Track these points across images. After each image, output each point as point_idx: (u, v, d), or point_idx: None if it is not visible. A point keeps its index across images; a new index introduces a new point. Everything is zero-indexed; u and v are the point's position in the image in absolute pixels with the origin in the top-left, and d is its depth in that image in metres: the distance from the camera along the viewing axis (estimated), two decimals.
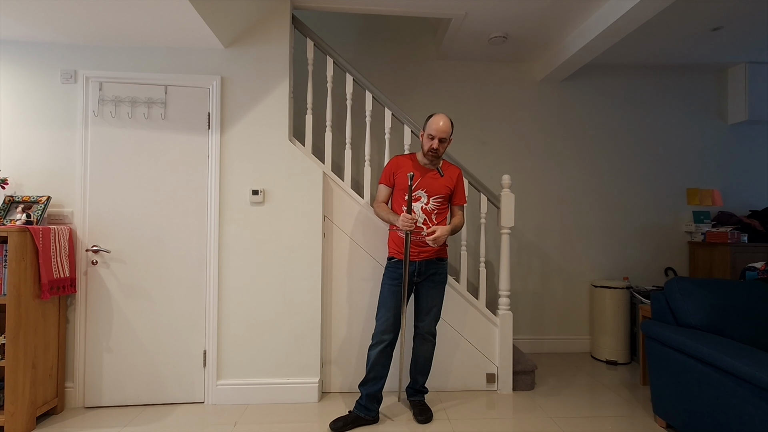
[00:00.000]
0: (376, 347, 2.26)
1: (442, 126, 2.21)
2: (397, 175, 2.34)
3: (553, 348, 3.65)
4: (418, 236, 2.25)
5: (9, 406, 2.05)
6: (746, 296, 2.13)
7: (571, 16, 2.87)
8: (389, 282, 2.30)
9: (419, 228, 2.26)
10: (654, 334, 2.22)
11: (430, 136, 2.23)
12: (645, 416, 2.40)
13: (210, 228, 2.52)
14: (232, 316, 2.52)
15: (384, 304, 2.29)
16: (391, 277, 2.30)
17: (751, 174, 3.84)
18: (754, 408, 1.66)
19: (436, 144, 2.23)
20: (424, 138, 2.28)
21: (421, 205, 2.30)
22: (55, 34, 2.35)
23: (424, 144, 2.27)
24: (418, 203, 2.30)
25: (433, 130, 2.21)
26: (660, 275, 3.75)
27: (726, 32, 3.12)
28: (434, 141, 2.22)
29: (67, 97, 2.46)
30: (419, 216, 2.30)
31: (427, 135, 2.24)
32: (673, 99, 3.80)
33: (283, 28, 2.59)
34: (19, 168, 2.43)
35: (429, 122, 2.25)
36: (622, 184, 3.74)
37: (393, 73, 3.57)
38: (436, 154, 2.26)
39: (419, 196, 2.30)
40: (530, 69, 3.69)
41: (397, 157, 2.39)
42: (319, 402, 2.53)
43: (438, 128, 2.21)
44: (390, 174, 2.36)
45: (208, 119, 2.53)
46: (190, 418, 2.32)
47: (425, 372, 2.43)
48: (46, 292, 2.17)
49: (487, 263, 3.57)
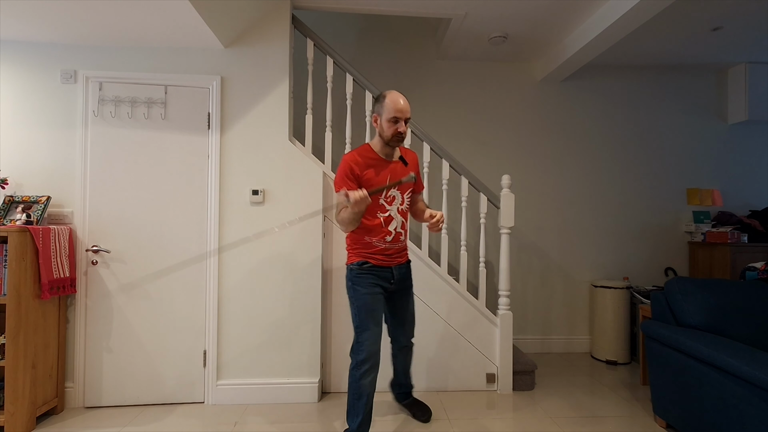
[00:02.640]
0: (369, 373, 1.92)
1: (404, 104, 1.89)
2: (363, 175, 1.91)
3: (553, 348, 3.64)
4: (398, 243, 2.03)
5: (9, 406, 2.05)
6: (746, 296, 2.13)
7: (571, 16, 2.87)
8: (369, 291, 1.95)
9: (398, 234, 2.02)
10: (654, 334, 2.22)
11: (393, 119, 1.87)
12: (645, 416, 2.40)
13: (210, 228, 2.52)
14: (232, 316, 2.52)
15: (371, 316, 1.94)
16: (371, 284, 1.96)
17: (751, 174, 3.84)
18: (754, 408, 1.66)
19: (402, 127, 1.89)
20: (383, 123, 1.90)
21: (398, 206, 2.00)
22: (55, 34, 2.35)
23: (386, 130, 1.90)
24: (394, 205, 1.99)
25: (396, 111, 1.87)
26: (660, 275, 3.74)
27: (726, 32, 3.12)
28: (400, 123, 1.89)
29: (67, 97, 2.46)
30: (397, 220, 1.99)
31: (389, 119, 1.88)
32: (673, 99, 3.80)
33: (283, 28, 2.59)
34: (19, 168, 2.43)
35: (385, 104, 1.89)
36: (622, 184, 3.74)
37: (393, 73, 3.57)
38: (401, 138, 1.92)
39: (393, 196, 1.99)
40: (530, 69, 3.69)
41: (351, 155, 1.93)
42: (319, 402, 2.53)
43: (401, 108, 1.88)
44: (352, 176, 1.89)
45: (208, 119, 2.53)
46: (190, 418, 2.32)
47: (410, 373, 2.38)
48: (46, 292, 2.17)
49: (487, 263, 3.57)
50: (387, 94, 1.91)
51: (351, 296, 1.99)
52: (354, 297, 1.97)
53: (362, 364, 1.92)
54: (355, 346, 1.95)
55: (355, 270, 1.98)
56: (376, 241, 1.97)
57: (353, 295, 1.97)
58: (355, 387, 1.94)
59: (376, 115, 1.93)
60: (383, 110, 1.90)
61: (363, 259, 1.98)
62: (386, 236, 1.98)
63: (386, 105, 1.89)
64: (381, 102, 1.91)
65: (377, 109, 1.93)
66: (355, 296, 1.97)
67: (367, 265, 1.98)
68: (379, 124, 1.92)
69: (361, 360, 1.92)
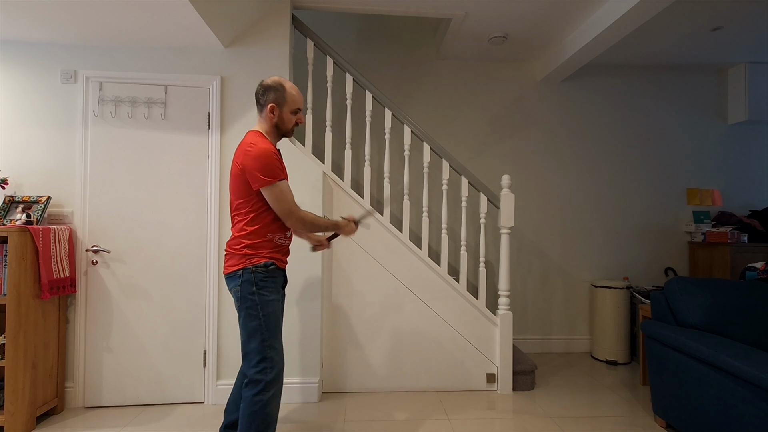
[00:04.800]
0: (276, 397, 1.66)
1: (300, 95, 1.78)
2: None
3: (553, 348, 3.65)
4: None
5: (9, 406, 2.05)
6: (746, 296, 2.13)
7: (571, 16, 2.87)
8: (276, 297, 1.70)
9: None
10: (654, 334, 2.22)
11: (296, 110, 1.75)
12: (645, 416, 2.40)
13: (210, 228, 2.52)
14: (232, 316, 2.52)
15: (278, 327, 1.69)
16: (277, 291, 1.72)
17: (751, 174, 3.84)
18: (754, 408, 1.66)
19: (302, 117, 1.79)
20: (283, 114, 1.73)
21: None
22: (55, 34, 2.35)
23: (287, 121, 1.74)
24: None
25: (299, 102, 1.75)
26: (660, 275, 3.75)
27: (726, 32, 3.12)
28: (299, 114, 1.77)
29: (67, 97, 2.46)
30: None
31: (291, 110, 1.73)
32: (673, 99, 3.80)
33: (283, 28, 2.59)
34: (19, 168, 2.43)
35: (288, 94, 1.72)
36: (622, 184, 3.74)
37: (393, 73, 3.57)
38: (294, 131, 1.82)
39: None
40: (530, 69, 3.70)
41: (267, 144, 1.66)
42: (319, 402, 2.53)
43: (301, 98, 1.77)
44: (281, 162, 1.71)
45: (208, 119, 2.53)
46: (190, 418, 2.32)
47: None
48: (46, 292, 2.17)
49: (487, 263, 3.57)
50: (284, 82, 1.73)
51: (254, 304, 1.64)
52: (261, 304, 1.64)
53: (270, 386, 1.62)
54: (261, 364, 1.61)
55: (261, 273, 1.66)
56: (279, 238, 1.73)
57: (259, 302, 1.64)
58: (261, 416, 1.60)
59: (273, 104, 1.71)
60: (284, 101, 1.72)
61: (268, 260, 1.69)
62: (287, 231, 1.78)
63: (289, 95, 1.72)
64: (281, 91, 1.72)
65: (274, 99, 1.71)
66: (261, 303, 1.64)
67: (272, 267, 1.69)
68: (278, 115, 1.73)
69: (270, 381, 1.61)
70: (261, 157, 1.61)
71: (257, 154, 1.61)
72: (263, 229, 1.69)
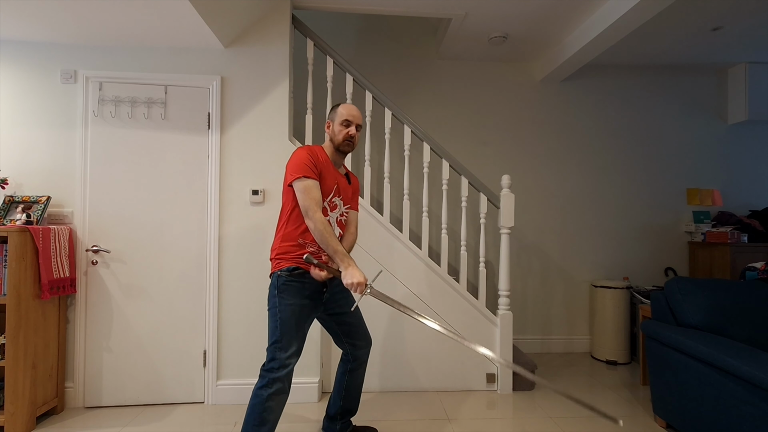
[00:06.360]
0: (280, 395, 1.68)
1: (356, 112, 1.88)
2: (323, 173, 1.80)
3: (553, 348, 3.64)
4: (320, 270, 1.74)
5: (9, 406, 2.05)
6: (746, 296, 2.13)
7: (571, 16, 2.87)
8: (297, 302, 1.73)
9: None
10: (654, 334, 2.22)
11: (345, 122, 1.84)
12: (645, 416, 2.40)
13: (210, 228, 2.52)
14: (232, 316, 2.52)
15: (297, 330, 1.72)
16: (300, 293, 1.74)
17: (751, 174, 3.84)
18: (754, 408, 1.66)
19: (353, 131, 1.85)
20: (335, 127, 1.86)
21: (337, 216, 1.87)
22: (55, 34, 2.35)
23: (338, 133, 1.85)
24: (335, 212, 1.86)
25: (349, 115, 1.85)
26: (660, 275, 3.75)
27: (726, 32, 3.12)
28: (351, 128, 1.85)
29: (67, 97, 2.46)
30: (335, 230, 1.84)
31: (342, 122, 1.85)
32: (673, 99, 3.80)
33: (283, 28, 2.59)
34: (19, 168, 2.43)
35: (339, 110, 1.87)
36: (622, 184, 3.74)
37: (393, 73, 3.57)
38: (352, 143, 1.87)
39: (336, 204, 1.86)
40: (530, 69, 3.70)
41: (310, 148, 1.83)
42: (320, 402, 2.53)
43: (354, 113, 1.87)
44: (314, 166, 1.76)
45: (208, 119, 2.53)
46: (190, 418, 2.32)
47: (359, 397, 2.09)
48: (46, 292, 2.17)
49: (487, 263, 3.57)
50: (341, 104, 1.90)
51: (274, 306, 1.73)
52: (280, 307, 1.72)
53: (274, 382, 1.65)
54: (271, 363, 1.68)
55: (284, 277, 1.73)
56: (311, 245, 1.78)
57: (278, 305, 1.72)
58: (260, 408, 1.64)
59: (329, 121, 1.91)
60: (336, 116, 1.88)
61: (294, 265, 1.75)
62: None
63: (339, 111, 1.88)
64: (335, 110, 1.90)
65: (331, 117, 1.91)
66: (280, 306, 1.72)
67: (298, 271, 1.75)
68: (332, 129, 1.89)
69: (278, 378, 1.66)
70: (294, 156, 1.79)
71: (293, 155, 1.81)
72: (294, 232, 1.79)
